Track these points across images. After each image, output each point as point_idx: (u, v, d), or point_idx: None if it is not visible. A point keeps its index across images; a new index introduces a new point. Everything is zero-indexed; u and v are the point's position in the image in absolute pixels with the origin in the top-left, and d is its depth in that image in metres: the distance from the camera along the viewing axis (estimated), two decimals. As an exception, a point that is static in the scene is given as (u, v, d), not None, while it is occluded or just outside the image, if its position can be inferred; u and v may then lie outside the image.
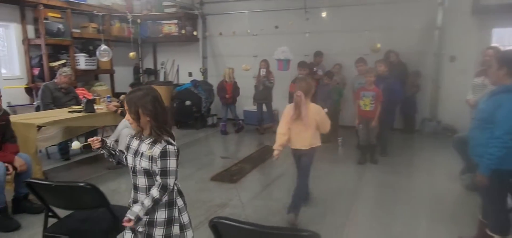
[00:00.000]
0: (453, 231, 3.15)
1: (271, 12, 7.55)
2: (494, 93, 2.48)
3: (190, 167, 5.14)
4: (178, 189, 2.14)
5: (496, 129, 2.34)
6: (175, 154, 1.97)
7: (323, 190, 4.20)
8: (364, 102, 4.99)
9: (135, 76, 9.23)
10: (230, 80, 7.16)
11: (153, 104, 1.96)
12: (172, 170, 1.95)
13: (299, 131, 3.31)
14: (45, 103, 5.33)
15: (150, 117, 1.96)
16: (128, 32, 8.12)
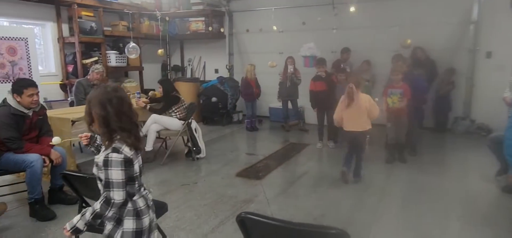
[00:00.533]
0: (487, 234, 3.02)
1: (298, 8, 7.48)
2: None
3: (216, 162, 5.20)
4: (143, 201, 1.88)
5: None
6: (120, 164, 1.72)
7: (351, 188, 4.14)
8: (392, 100, 4.85)
9: (163, 73, 9.43)
10: (251, 77, 7.15)
11: (103, 107, 1.75)
12: (116, 182, 1.72)
13: (351, 116, 4.03)
14: (79, 98, 5.54)
15: (98, 120, 1.77)
16: (157, 30, 8.31)
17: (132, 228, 1.80)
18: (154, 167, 5.00)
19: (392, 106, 4.85)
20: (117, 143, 1.76)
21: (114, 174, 1.71)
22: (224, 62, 8.95)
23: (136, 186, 1.85)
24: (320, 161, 5.41)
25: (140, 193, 1.88)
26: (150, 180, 4.54)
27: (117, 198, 1.72)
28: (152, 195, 2.05)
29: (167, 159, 5.22)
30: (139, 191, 1.87)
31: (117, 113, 1.76)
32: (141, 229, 1.82)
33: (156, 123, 5.16)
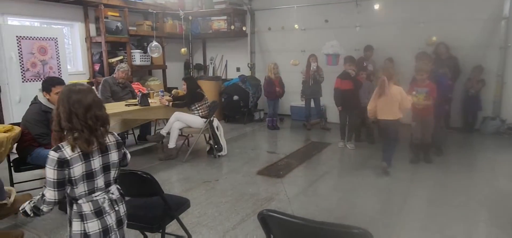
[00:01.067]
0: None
1: (320, 6, 7.41)
2: None
3: (237, 160, 5.23)
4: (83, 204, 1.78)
5: None
6: (53, 162, 1.67)
7: (374, 188, 4.07)
8: (417, 99, 4.72)
9: (185, 71, 9.57)
10: (274, 76, 7.07)
11: (57, 106, 1.75)
12: (47, 180, 1.69)
13: (384, 106, 4.38)
14: (105, 97, 5.71)
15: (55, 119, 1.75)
16: (180, 29, 8.43)
17: (79, 230, 1.75)
18: (177, 164, 5.08)
19: (418, 105, 4.72)
20: (64, 142, 1.72)
21: (47, 172, 1.68)
22: (245, 60, 8.98)
23: (81, 190, 1.75)
24: (342, 160, 5.35)
25: (89, 197, 1.77)
26: (173, 176, 4.62)
27: (47, 196, 1.70)
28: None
29: (189, 157, 5.30)
30: (88, 195, 1.77)
31: (69, 113, 1.71)
32: (88, 234, 1.75)
33: (179, 121, 5.24)
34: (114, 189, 1.90)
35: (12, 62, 5.34)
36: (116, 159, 1.88)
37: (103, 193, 1.83)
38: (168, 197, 2.32)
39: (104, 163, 1.82)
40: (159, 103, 5.40)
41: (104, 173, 1.82)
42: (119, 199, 1.91)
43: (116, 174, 1.92)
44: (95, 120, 1.75)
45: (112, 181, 1.89)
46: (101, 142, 1.79)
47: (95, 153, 1.78)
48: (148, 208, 2.41)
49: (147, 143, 6.08)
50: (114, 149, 1.87)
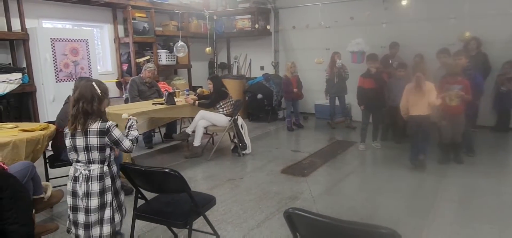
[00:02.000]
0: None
1: (346, 3, 7.30)
2: None
3: (261, 159, 5.26)
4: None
5: None
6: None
7: (402, 189, 3.99)
8: (450, 96, 4.55)
9: (210, 70, 9.69)
10: (292, 75, 6.97)
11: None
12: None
13: (418, 101, 4.45)
14: (132, 96, 5.87)
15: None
16: (205, 28, 8.54)
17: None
18: (202, 162, 5.17)
19: (450, 103, 4.53)
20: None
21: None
22: (269, 59, 8.99)
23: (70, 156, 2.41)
24: (368, 160, 5.26)
25: (73, 164, 2.42)
26: (198, 174, 4.70)
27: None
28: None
29: (214, 155, 5.37)
30: (74, 162, 2.42)
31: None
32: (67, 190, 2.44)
33: (204, 119, 5.32)
34: (93, 168, 2.34)
35: (47, 63, 5.60)
36: (95, 143, 2.33)
37: (83, 165, 2.35)
38: (194, 194, 2.37)
39: (85, 144, 2.33)
40: (184, 102, 5.50)
41: (85, 151, 2.34)
42: (92, 177, 2.33)
43: (98, 157, 2.34)
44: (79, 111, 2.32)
45: (90, 159, 2.35)
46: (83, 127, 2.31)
47: (79, 134, 2.33)
48: (175, 205, 2.47)
49: (173, 141, 6.21)
50: (93, 135, 2.32)
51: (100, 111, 2.38)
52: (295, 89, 6.94)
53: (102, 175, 2.35)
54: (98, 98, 2.35)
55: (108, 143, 2.36)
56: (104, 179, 2.36)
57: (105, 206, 2.37)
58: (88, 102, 2.30)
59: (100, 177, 2.34)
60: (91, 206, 2.32)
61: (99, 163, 2.34)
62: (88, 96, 2.31)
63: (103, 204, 2.36)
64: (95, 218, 2.33)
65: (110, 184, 2.39)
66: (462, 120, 4.60)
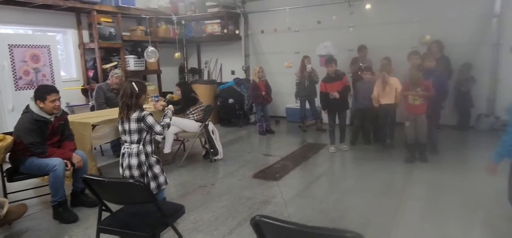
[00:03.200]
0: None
1: (313, 7, 7.43)
2: None
3: (233, 164, 5.22)
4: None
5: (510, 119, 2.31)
6: None
7: (371, 189, 4.07)
8: (413, 97, 4.74)
9: (180, 76, 9.56)
10: (260, 80, 6.92)
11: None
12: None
13: (386, 94, 5.21)
14: (99, 103, 5.68)
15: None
16: (173, 33, 8.41)
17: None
18: (173, 169, 5.06)
19: (413, 103, 4.73)
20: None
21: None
22: (240, 63, 8.98)
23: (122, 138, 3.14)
24: (338, 161, 5.35)
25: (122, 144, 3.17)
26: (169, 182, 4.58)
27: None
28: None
29: (185, 161, 5.28)
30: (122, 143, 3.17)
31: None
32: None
33: (174, 126, 5.22)
34: (133, 147, 3.06)
35: (4, 70, 5.31)
36: (134, 128, 3.04)
37: (127, 144, 3.09)
38: (162, 204, 2.30)
39: (128, 128, 3.05)
40: (153, 109, 5.37)
41: (128, 134, 3.07)
42: (132, 154, 3.06)
43: (136, 138, 3.06)
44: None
45: (131, 140, 3.08)
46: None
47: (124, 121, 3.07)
48: (142, 216, 2.39)
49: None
50: (133, 121, 3.04)
51: (138, 103, 3.10)
52: (263, 93, 6.95)
53: (138, 152, 3.07)
54: (136, 94, 3.05)
55: (144, 127, 3.07)
56: (139, 155, 3.08)
57: (144, 175, 3.10)
58: (128, 97, 3.03)
59: (137, 154, 3.07)
60: (134, 175, 3.07)
61: (137, 143, 3.07)
62: (128, 93, 3.03)
63: (142, 173, 3.09)
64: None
65: (144, 159, 3.11)
66: (425, 120, 4.77)
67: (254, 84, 6.97)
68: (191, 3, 8.89)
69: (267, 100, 7.08)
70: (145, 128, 3.08)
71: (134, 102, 3.05)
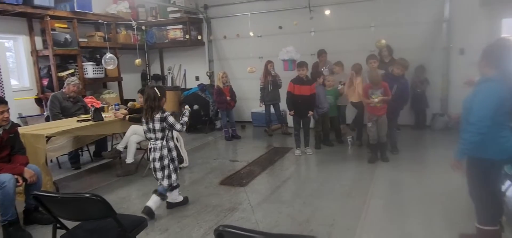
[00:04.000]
0: (472, 227, 3.04)
1: (274, 12, 7.51)
2: (477, 83, 2.58)
3: (199, 171, 5.13)
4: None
5: (471, 117, 2.42)
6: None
7: (336, 191, 4.15)
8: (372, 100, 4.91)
9: (143, 82, 9.30)
10: (224, 85, 6.89)
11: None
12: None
13: (354, 93, 5.63)
14: (54, 113, 5.38)
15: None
16: (134, 39, 8.18)
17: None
18: (136, 179, 4.89)
19: (373, 106, 4.89)
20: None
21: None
22: (204, 69, 8.89)
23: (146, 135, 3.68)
24: (304, 165, 5.41)
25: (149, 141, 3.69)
26: (132, 193, 4.44)
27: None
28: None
29: (149, 171, 5.10)
30: (149, 139, 3.68)
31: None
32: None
33: (136, 134, 5.06)
34: (157, 143, 3.56)
35: None
36: (158, 127, 3.53)
37: (153, 141, 3.59)
38: (123, 218, 2.19)
39: (153, 127, 3.54)
40: (114, 117, 5.18)
41: (153, 132, 3.56)
42: (156, 148, 3.55)
43: (160, 135, 3.55)
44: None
45: (156, 137, 3.57)
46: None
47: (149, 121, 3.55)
48: (101, 232, 2.27)
49: (104, 160, 5.80)
50: (157, 121, 3.53)
51: (160, 105, 3.56)
52: (228, 98, 6.92)
53: (161, 147, 3.55)
54: (158, 98, 3.53)
55: (166, 126, 3.54)
56: (162, 150, 3.55)
57: (165, 168, 3.57)
58: (152, 101, 3.51)
59: (160, 148, 3.55)
60: (156, 167, 3.58)
61: (160, 139, 3.56)
62: (152, 97, 3.52)
63: (162, 166, 3.56)
64: (160, 175, 3.58)
65: (166, 153, 3.58)
66: (385, 120, 4.96)
67: (218, 90, 6.92)
68: (152, 8, 8.71)
69: (231, 105, 7.06)
70: (167, 127, 3.55)
71: (157, 105, 3.53)
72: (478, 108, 2.40)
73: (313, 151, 5.81)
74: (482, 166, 2.48)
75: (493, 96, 2.38)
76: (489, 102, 2.37)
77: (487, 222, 2.60)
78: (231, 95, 6.98)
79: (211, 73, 8.83)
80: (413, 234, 3.11)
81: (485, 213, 2.60)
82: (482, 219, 2.63)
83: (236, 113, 8.01)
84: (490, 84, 2.42)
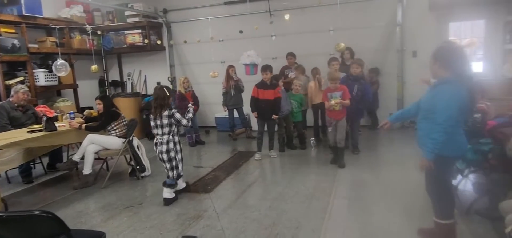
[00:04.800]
0: (429, 222, 3.20)
1: (235, 17, 7.50)
2: (434, 85, 2.69)
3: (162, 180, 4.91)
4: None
5: (437, 117, 2.52)
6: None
7: (300, 193, 4.19)
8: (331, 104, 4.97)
9: (100, 89, 8.92)
10: (185, 90, 6.77)
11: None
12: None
13: (319, 95, 5.82)
14: (2, 124, 5.02)
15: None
16: (90, 44, 7.84)
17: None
18: (95, 191, 4.67)
19: (334, 109, 4.98)
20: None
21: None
22: (165, 74, 8.70)
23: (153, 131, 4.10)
24: (269, 169, 5.43)
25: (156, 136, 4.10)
26: (90, 206, 4.22)
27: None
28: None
29: (108, 181, 4.90)
30: (155, 134, 4.09)
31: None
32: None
33: (94, 144, 4.83)
34: (164, 137, 3.99)
35: None
36: (165, 123, 3.98)
37: (159, 135, 4.02)
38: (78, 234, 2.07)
39: (160, 123, 3.98)
40: (68, 127, 4.91)
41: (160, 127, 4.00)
42: (163, 143, 3.99)
43: (167, 130, 3.99)
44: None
45: (163, 132, 4.00)
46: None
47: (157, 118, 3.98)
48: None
49: (59, 172, 5.48)
50: (164, 118, 3.96)
51: (168, 104, 4.01)
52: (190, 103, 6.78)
53: (168, 141, 3.98)
54: (167, 96, 3.99)
55: (173, 121, 3.99)
56: (168, 144, 3.99)
57: (172, 160, 4.03)
58: (162, 99, 3.96)
59: (166, 142, 3.98)
60: (164, 159, 4.04)
61: (167, 134, 3.99)
62: (162, 96, 3.97)
63: (169, 158, 4.02)
64: (169, 165, 4.07)
65: (172, 147, 4.02)
66: (344, 124, 5.06)
67: (180, 95, 6.78)
68: (109, 12, 8.40)
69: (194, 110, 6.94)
70: (174, 122, 3.98)
71: (166, 103, 3.97)
72: (444, 109, 2.49)
73: (277, 154, 5.85)
74: (439, 163, 2.59)
75: (457, 97, 2.49)
76: (454, 102, 2.48)
77: (444, 216, 2.74)
78: (193, 100, 6.87)
79: (172, 78, 8.65)
80: (375, 232, 3.20)
81: (442, 207, 2.74)
82: (439, 213, 2.76)
83: (200, 118, 7.90)
84: (451, 86, 2.52)
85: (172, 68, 8.70)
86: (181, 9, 8.27)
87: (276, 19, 7.08)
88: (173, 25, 8.50)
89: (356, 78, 5.37)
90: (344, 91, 4.99)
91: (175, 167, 4.06)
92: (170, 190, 4.07)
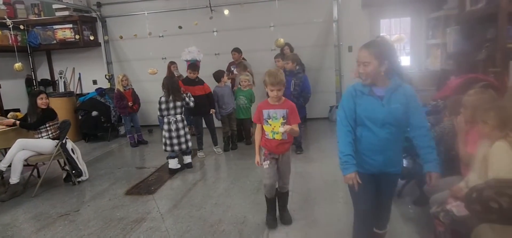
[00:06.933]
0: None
1: (173, 12, 7.32)
2: (393, 88, 2.30)
3: (101, 183, 4.75)
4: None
5: (419, 121, 2.29)
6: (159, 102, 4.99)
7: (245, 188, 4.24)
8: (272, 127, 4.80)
9: (28, 89, 8.19)
10: (124, 89, 6.50)
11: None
12: None
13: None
14: None
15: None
16: (13, 41, 7.15)
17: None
18: (24, 201, 4.30)
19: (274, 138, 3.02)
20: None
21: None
22: (102, 72, 8.23)
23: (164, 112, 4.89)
24: (213, 166, 5.41)
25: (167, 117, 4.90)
26: (19, 217, 3.88)
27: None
28: None
29: (40, 189, 4.54)
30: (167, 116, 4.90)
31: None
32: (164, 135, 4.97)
33: (25, 150, 4.44)
34: (177, 116, 4.88)
35: None
36: (178, 104, 4.87)
37: (172, 116, 4.86)
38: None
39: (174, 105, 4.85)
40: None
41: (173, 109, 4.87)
42: (177, 120, 4.89)
43: (179, 111, 4.92)
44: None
45: (176, 112, 4.89)
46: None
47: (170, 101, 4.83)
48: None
49: (-19, 183, 4.96)
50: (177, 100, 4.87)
51: (180, 90, 4.93)
52: (130, 102, 6.52)
53: (182, 119, 4.91)
54: (178, 83, 5.00)
55: (184, 104, 4.93)
56: (183, 121, 4.95)
57: (186, 134, 4.95)
58: (176, 89, 4.87)
59: (181, 120, 4.91)
60: (180, 135, 4.88)
61: (180, 114, 4.89)
62: (175, 86, 4.88)
63: (184, 133, 4.92)
64: (183, 139, 4.94)
65: (185, 123, 4.97)
66: (288, 161, 4.92)
67: (119, 94, 6.47)
68: (34, 5, 7.71)
69: (135, 109, 6.68)
70: (184, 104, 4.94)
71: (178, 89, 4.91)
72: (421, 110, 2.27)
73: (222, 150, 5.84)
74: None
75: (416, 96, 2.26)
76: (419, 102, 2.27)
77: (386, 225, 2.61)
78: (133, 99, 6.60)
79: (110, 76, 8.22)
80: (319, 221, 3.35)
81: (388, 217, 2.59)
82: (386, 224, 2.60)
83: (142, 117, 7.62)
84: (407, 87, 2.28)
85: (109, 65, 8.26)
86: (116, 3, 7.86)
87: (216, 14, 7.03)
88: (108, 20, 8.06)
89: (292, 73, 5.23)
90: (291, 110, 3.02)
91: (188, 140, 4.99)
92: (174, 160, 4.93)
